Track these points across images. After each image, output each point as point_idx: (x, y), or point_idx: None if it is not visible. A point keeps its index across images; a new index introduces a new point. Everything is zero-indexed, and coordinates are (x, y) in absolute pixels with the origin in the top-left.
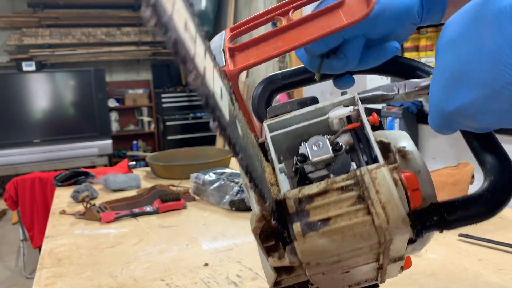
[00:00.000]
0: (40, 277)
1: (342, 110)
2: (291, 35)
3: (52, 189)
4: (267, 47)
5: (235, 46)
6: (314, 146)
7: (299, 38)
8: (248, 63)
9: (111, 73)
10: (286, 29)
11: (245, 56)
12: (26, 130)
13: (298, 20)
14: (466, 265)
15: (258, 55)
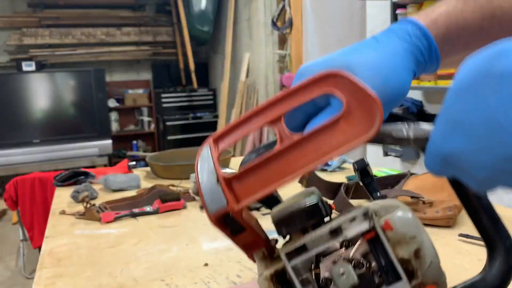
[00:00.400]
0: (40, 277)
1: (358, 228)
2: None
3: (52, 189)
4: (269, 175)
5: (232, 176)
6: (339, 275)
7: (302, 164)
8: (252, 197)
9: (111, 73)
10: (288, 149)
11: (246, 188)
12: (26, 130)
13: (302, 138)
14: (466, 265)
15: (261, 186)
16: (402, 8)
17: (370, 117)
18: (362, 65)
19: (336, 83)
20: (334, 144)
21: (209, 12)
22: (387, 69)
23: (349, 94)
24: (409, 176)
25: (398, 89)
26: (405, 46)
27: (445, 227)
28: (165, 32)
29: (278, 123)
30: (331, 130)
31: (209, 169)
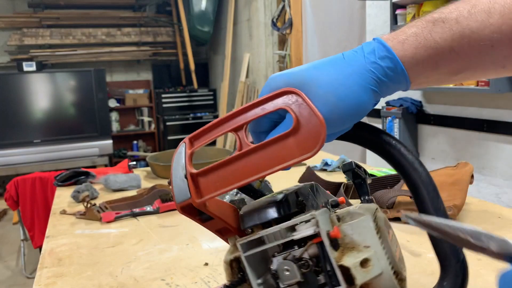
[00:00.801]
0: (40, 277)
1: (304, 232)
2: (249, 164)
3: (53, 189)
4: (228, 176)
5: (198, 172)
6: (284, 271)
7: (257, 169)
8: (213, 194)
9: (112, 73)
10: (243, 155)
11: (208, 184)
12: (27, 130)
13: (255, 147)
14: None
15: (221, 185)
16: (402, 8)
17: (315, 137)
18: (320, 81)
19: (290, 100)
20: (281, 158)
21: (209, 13)
22: (343, 87)
23: (299, 112)
24: None
25: (353, 107)
26: (368, 66)
27: None
28: (165, 33)
29: (240, 131)
30: (280, 144)
31: (181, 165)
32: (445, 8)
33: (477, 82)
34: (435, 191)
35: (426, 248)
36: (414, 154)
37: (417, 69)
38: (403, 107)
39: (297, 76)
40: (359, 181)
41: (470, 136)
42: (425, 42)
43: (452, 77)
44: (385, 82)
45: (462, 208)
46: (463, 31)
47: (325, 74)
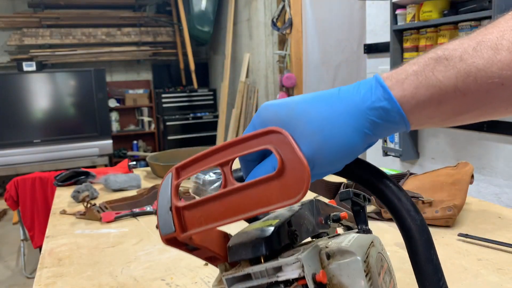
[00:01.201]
0: (40, 277)
1: (289, 275)
2: (233, 203)
3: (53, 189)
4: (213, 212)
5: (183, 205)
6: None
7: (240, 210)
8: (197, 229)
9: (112, 73)
10: (227, 194)
11: (193, 219)
12: (27, 130)
13: (239, 187)
14: (466, 264)
15: (206, 220)
16: (402, 8)
17: (299, 183)
18: (310, 118)
19: (275, 140)
20: (264, 201)
21: (209, 13)
22: (332, 126)
23: (284, 154)
24: (409, 176)
25: (341, 149)
26: (362, 106)
27: (444, 227)
28: (165, 32)
29: (226, 167)
30: (264, 186)
31: (167, 196)
32: (449, 44)
33: None
34: (430, 242)
35: None
36: (411, 201)
37: (418, 110)
38: None
39: (288, 110)
40: (358, 209)
41: (470, 136)
42: (426, 81)
43: (458, 117)
44: (380, 124)
45: (462, 208)
46: (468, 69)
47: (315, 110)
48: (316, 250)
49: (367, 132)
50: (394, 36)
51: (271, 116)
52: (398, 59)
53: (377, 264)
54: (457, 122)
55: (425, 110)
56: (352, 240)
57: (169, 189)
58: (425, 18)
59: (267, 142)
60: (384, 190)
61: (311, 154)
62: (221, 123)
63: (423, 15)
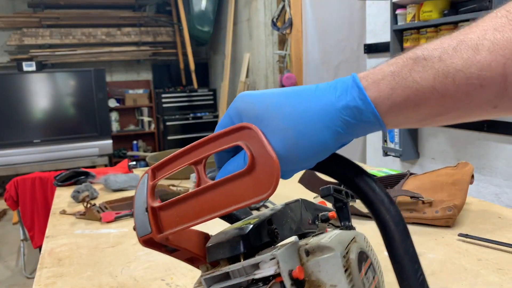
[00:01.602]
0: (40, 277)
1: (266, 272)
2: (207, 201)
3: (53, 189)
4: (188, 211)
5: (159, 206)
6: None
7: (214, 208)
8: (174, 229)
9: (112, 73)
10: (201, 192)
11: (169, 219)
12: (27, 130)
13: (212, 184)
14: (466, 265)
15: (182, 220)
16: (402, 8)
17: (269, 178)
18: (284, 113)
19: (247, 136)
20: (237, 197)
21: (209, 12)
22: (305, 123)
23: (255, 150)
24: (409, 176)
25: (313, 147)
26: (337, 104)
27: (444, 227)
28: (165, 32)
29: (199, 165)
30: (236, 183)
31: (143, 197)
32: (429, 44)
33: None
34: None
35: (427, 248)
36: (386, 192)
37: (394, 111)
38: None
39: (263, 102)
40: (340, 205)
41: (470, 136)
42: (403, 82)
43: (436, 118)
44: (354, 124)
45: (462, 208)
46: (446, 70)
47: (290, 105)
48: (294, 247)
49: (340, 131)
50: (394, 36)
51: (247, 107)
52: None
53: (359, 260)
54: (435, 123)
55: (401, 111)
56: (333, 236)
57: (145, 190)
58: (425, 18)
59: (238, 138)
60: (358, 182)
61: (283, 150)
62: None
63: (423, 15)
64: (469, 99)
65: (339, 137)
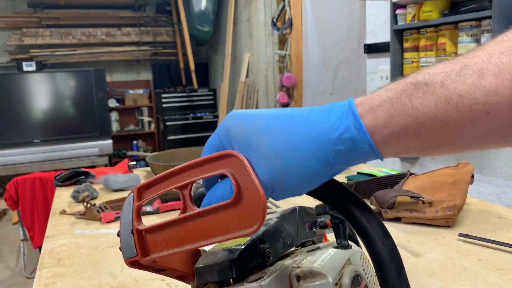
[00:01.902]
0: (40, 277)
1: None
2: (192, 229)
3: (53, 189)
4: (174, 237)
5: (144, 229)
6: None
7: (198, 237)
8: (160, 253)
9: (111, 73)
10: (186, 219)
11: (155, 243)
12: (27, 130)
13: (197, 213)
14: (466, 265)
15: (168, 245)
16: (402, 8)
17: (255, 211)
18: (274, 138)
19: (233, 165)
20: (223, 228)
21: (209, 12)
22: (295, 151)
23: (241, 181)
24: (409, 176)
25: (301, 176)
26: (330, 133)
27: (444, 227)
28: (165, 32)
29: (185, 190)
30: (222, 214)
31: (128, 219)
32: (431, 68)
33: None
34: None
35: (426, 248)
36: (381, 223)
37: (392, 141)
38: None
39: (253, 125)
40: (336, 222)
41: None
42: (402, 109)
43: (438, 149)
44: (346, 153)
45: (463, 208)
46: (449, 95)
47: (280, 130)
48: (285, 272)
49: (332, 161)
50: (394, 36)
51: (236, 127)
52: (398, 59)
53: (352, 284)
54: (438, 153)
55: (400, 140)
56: (327, 258)
57: (130, 211)
58: (425, 18)
59: (224, 166)
60: (353, 211)
61: (270, 179)
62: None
63: (423, 15)
64: (474, 128)
65: (331, 168)
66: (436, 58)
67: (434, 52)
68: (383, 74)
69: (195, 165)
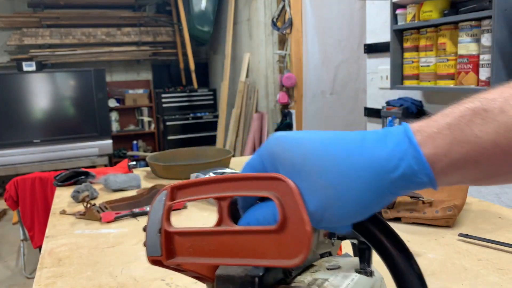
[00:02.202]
0: (40, 277)
1: None
2: (226, 245)
3: (53, 189)
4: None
5: (173, 231)
6: None
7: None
8: (186, 259)
9: (111, 73)
10: (221, 233)
11: (183, 247)
12: (27, 130)
13: (235, 230)
14: (466, 265)
15: (195, 252)
16: (402, 8)
17: (299, 245)
18: (325, 167)
19: (281, 190)
20: (259, 253)
21: (209, 12)
22: (349, 182)
23: (287, 209)
24: None
25: (354, 207)
26: (387, 165)
27: (444, 227)
28: (165, 32)
29: (223, 203)
30: (261, 237)
31: (157, 217)
32: (487, 94)
33: (477, 82)
34: None
35: (427, 248)
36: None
37: (451, 170)
38: (403, 107)
39: (301, 152)
40: (363, 247)
41: None
42: (461, 136)
43: (498, 178)
44: (403, 185)
45: (463, 208)
46: (509, 122)
47: (332, 157)
48: None
49: (387, 192)
50: (394, 36)
51: (282, 153)
52: (398, 59)
53: None
54: (497, 183)
55: (458, 170)
56: (351, 285)
57: (161, 210)
58: (425, 18)
59: (271, 188)
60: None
61: (320, 209)
62: (221, 123)
63: (423, 15)
64: None
65: (384, 198)
66: (436, 58)
67: (434, 52)
68: (383, 74)
69: (238, 179)
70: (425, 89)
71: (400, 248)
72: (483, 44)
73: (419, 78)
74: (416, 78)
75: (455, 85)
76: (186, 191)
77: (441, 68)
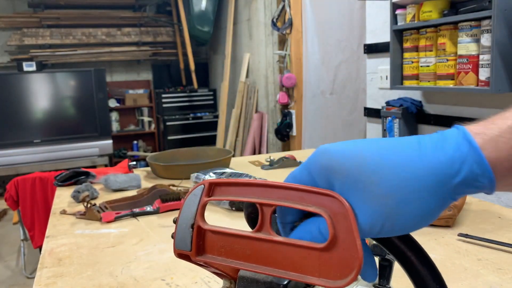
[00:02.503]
0: (40, 277)
1: None
2: (261, 251)
3: (53, 189)
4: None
5: (207, 228)
6: None
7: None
8: (215, 258)
9: (112, 73)
10: (259, 240)
11: (214, 245)
12: (27, 130)
13: (276, 240)
14: (466, 264)
15: (226, 253)
16: (402, 8)
17: (347, 267)
18: (382, 178)
19: (333, 208)
20: (299, 268)
21: (209, 13)
22: (409, 190)
23: (338, 229)
24: None
25: (414, 216)
26: (448, 170)
27: (444, 227)
28: (165, 33)
29: (266, 209)
30: (303, 251)
31: (191, 211)
32: None
33: (477, 82)
34: None
35: (426, 248)
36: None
37: (510, 173)
38: (403, 107)
39: (357, 162)
40: (385, 264)
41: None
42: None
43: None
44: (464, 189)
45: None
46: None
47: (390, 166)
48: None
49: (448, 197)
50: (394, 36)
51: (335, 165)
52: (398, 59)
53: None
54: None
55: None
56: None
57: (196, 205)
58: (425, 18)
59: (322, 204)
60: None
61: (380, 220)
62: (221, 123)
63: (423, 15)
64: None
65: (446, 204)
66: (435, 58)
67: (434, 52)
68: (383, 74)
69: (286, 188)
70: (425, 89)
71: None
72: (483, 44)
73: (418, 78)
74: (416, 78)
75: (454, 85)
76: (224, 189)
77: (441, 68)
